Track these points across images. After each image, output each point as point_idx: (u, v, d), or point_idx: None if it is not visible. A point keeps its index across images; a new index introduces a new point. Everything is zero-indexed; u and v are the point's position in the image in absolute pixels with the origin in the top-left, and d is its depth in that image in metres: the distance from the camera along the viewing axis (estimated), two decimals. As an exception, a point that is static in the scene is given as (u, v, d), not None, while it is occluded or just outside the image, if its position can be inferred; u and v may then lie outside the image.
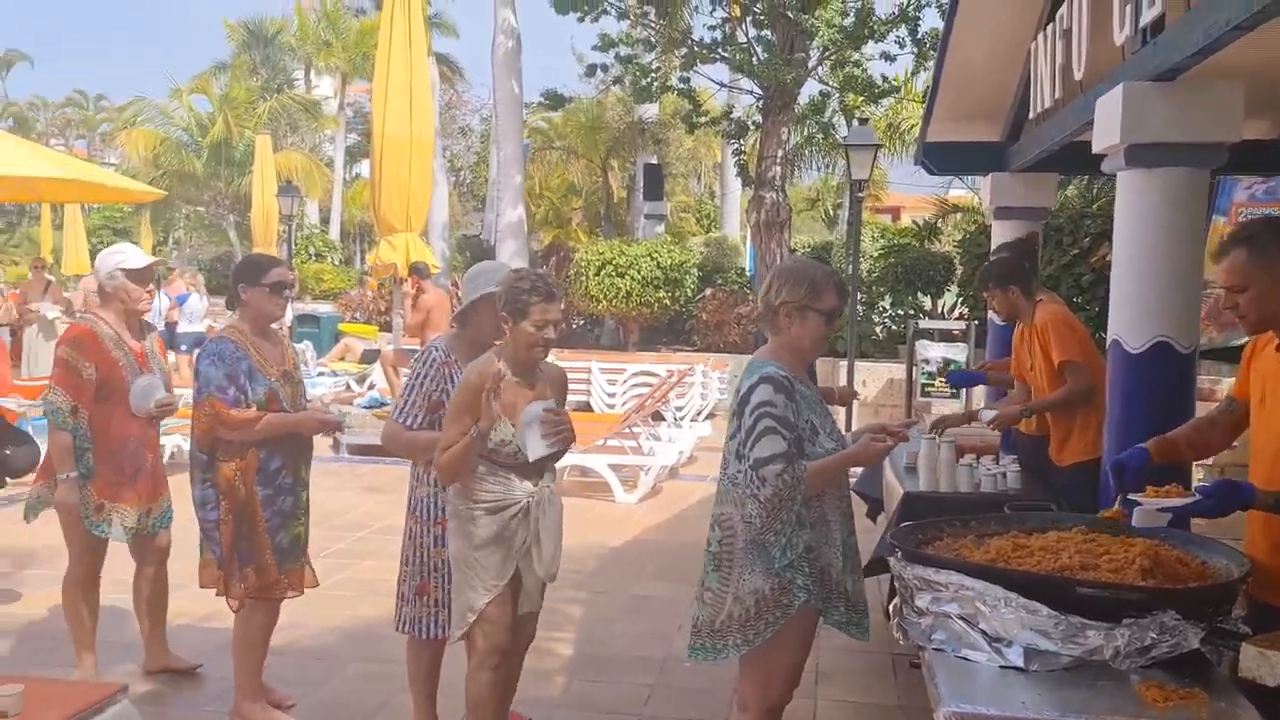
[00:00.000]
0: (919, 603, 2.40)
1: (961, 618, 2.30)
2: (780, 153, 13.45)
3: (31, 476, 4.56)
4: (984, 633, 2.26)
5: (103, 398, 3.97)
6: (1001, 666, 2.20)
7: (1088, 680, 2.12)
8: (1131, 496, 2.51)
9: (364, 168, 32.97)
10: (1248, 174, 8.23)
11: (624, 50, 13.60)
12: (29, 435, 4.84)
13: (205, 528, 3.79)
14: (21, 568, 5.80)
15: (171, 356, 10.87)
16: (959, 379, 4.94)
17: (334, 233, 28.65)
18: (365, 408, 10.80)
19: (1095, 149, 3.71)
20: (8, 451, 4.72)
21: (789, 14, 12.25)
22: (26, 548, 5.92)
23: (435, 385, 3.47)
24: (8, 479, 5.08)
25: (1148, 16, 3.30)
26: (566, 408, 3.38)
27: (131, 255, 4.10)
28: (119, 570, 4.37)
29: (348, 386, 12.65)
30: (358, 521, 7.06)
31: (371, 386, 12.37)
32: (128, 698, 3.24)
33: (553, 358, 3.50)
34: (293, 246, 19.45)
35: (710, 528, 2.93)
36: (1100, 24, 3.73)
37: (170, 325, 14.01)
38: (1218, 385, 7.54)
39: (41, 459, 4.78)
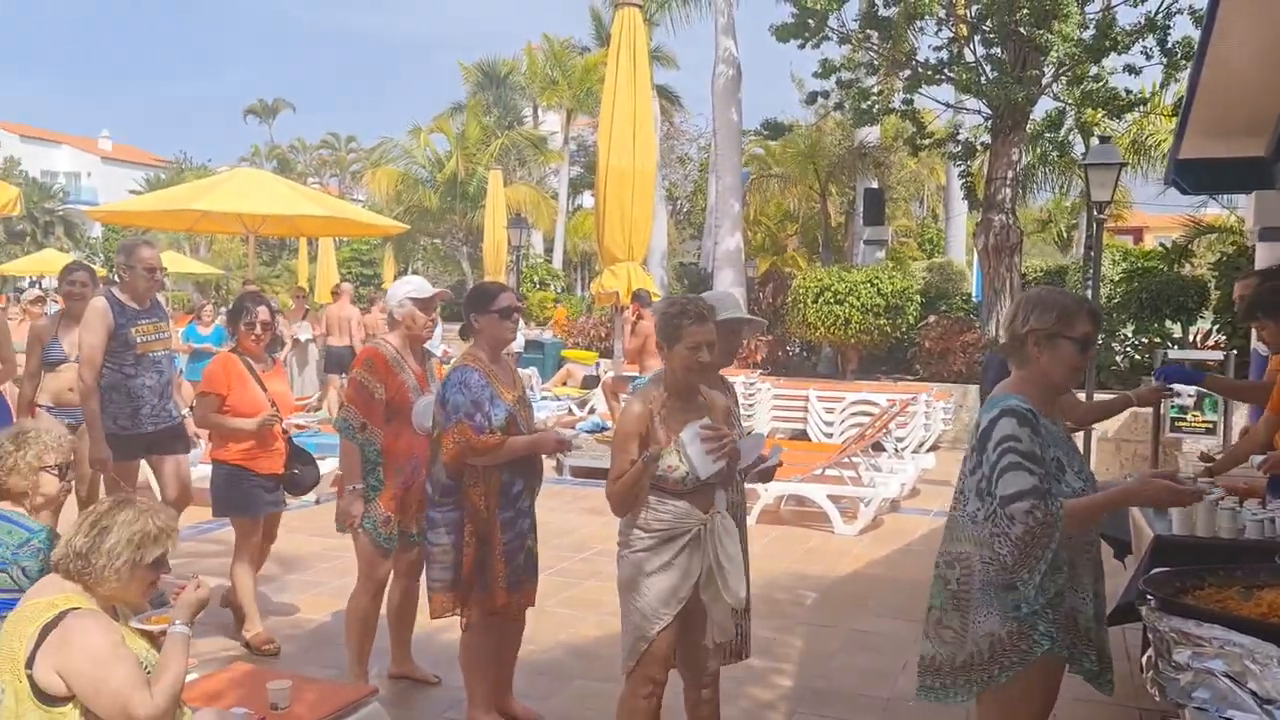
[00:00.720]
0: (1177, 658, 2.23)
1: (1228, 676, 2.12)
2: (1010, 173, 12.92)
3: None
4: (1253, 693, 2.07)
5: (389, 417, 4.23)
6: (1275, 732, 2.01)
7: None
8: None
9: (586, 199, 34.23)
10: None
11: (845, 75, 13.47)
12: (311, 456, 5.27)
13: (436, 551, 3.91)
14: (288, 571, 6.33)
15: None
16: (1174, 374, 4.43)
17: (557, 261, 29.85)
18: (587, 431, 11.13)
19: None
20: (296, 470, 5.12)
21: (1021, 30, 11.77)
22: (294, 553, 6.48)
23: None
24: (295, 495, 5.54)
25: None
26: (780, 436, 3.39)
27: (418, 286, 4.40)
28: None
29: (570, 410, 13.09)
30: (580, 542, 7.29)
31: (592, 411, 12.76)
32: (378, 700, 3.50)
33: (768, 385, 3.54)
34: (520, 275, 20.40)
35: (944, 564, 2.82)
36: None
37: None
38: None
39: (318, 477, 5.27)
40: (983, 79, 12.26)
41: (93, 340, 5.08)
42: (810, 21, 12.90)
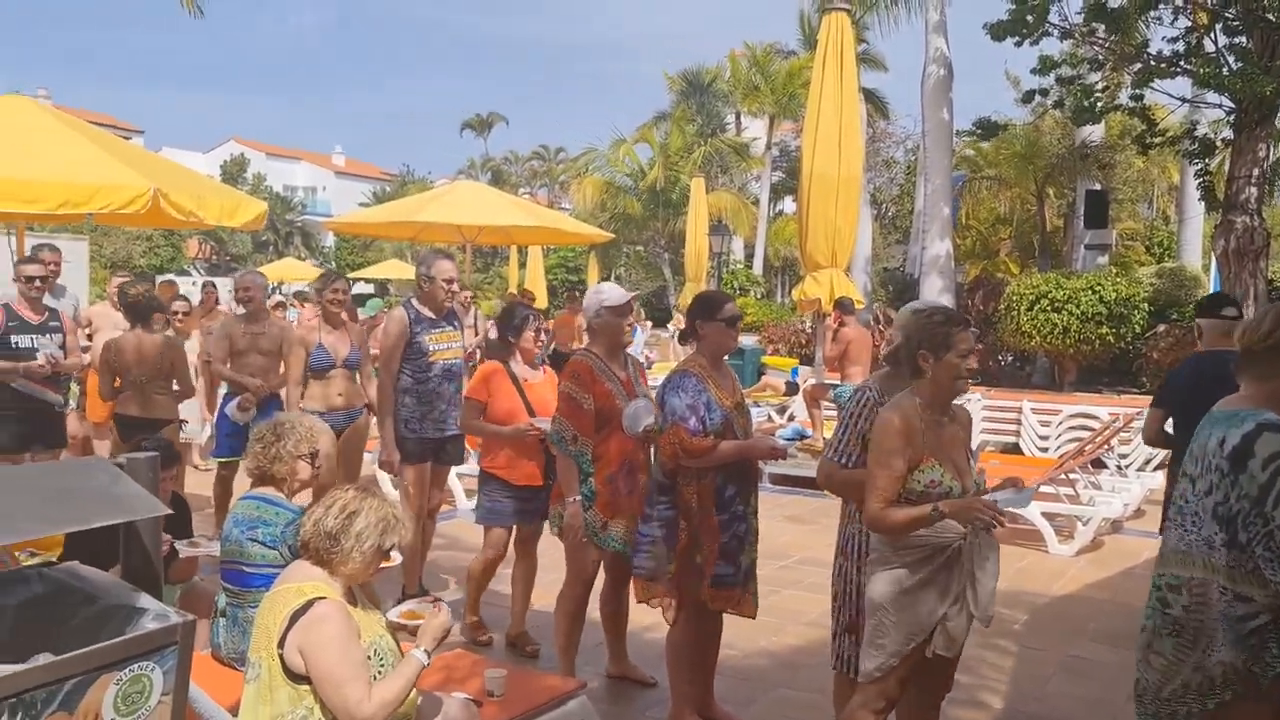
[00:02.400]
0: None
1: None
2: (1256, 172, 11.88)
3: None
4: None
5: (599, 425, 4.37)
6: None
7: None
8: None
9: (787, 204, 34.02)
10: None
11: (1066, 71, 12.80)
12: None
13: (650, 546, 4.05)
14: (503, 565, 6.63)
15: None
16: None
17: (757, 267, 29.81)
18: (787, 439, 11.09)
19: None
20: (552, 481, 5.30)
21: (1270, 16, 10.83)
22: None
23: (869, 425, 3.44)
24: None
25: None
26: (990, 449, 3.31)
27: (611, 293, 4.52)
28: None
29: (769, 418, 13.07)
30: (781, 550, 7.29)
31: (792, 418, 12.68)
32: (586, 694, 3.64)
33: (978, 395, 3.46)
34: (720, 281, 20.53)
35: (1166, 588, 2.66)
36: None
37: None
38: None
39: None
40: (1225, 70, 11.35)
41: (388, 348, 5.39)
42: (1029, 17, 12.32)
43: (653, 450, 4.17)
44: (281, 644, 2.64)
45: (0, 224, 8.73)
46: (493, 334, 7.45)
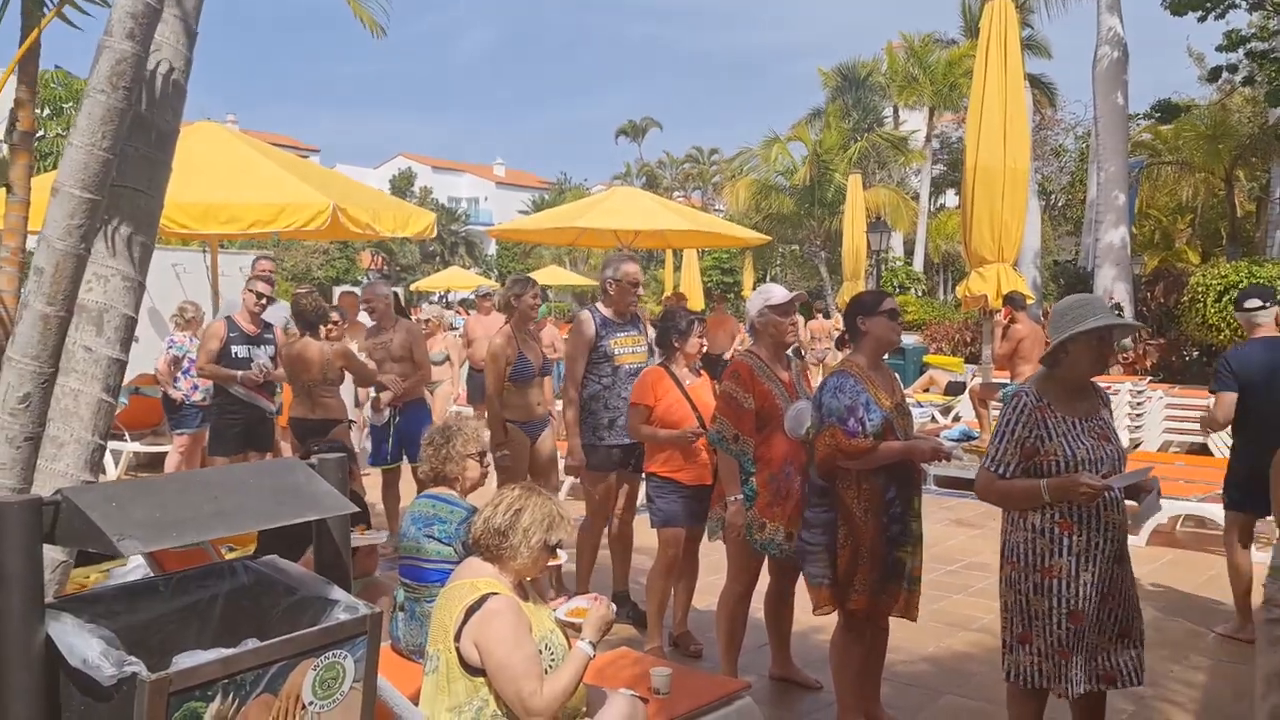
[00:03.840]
0: None
1: None
2: None
3: None
4: None
5: (760, 425, 4.37)
6: None
7: None
8: None
9: (949, 198, 33.00)
10: None
11: (1257, 45, 11.96)
12: None
13: (813, 550, 4.02)
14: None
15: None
16: None
17: (918, 264, 29.04)
18: (953, 440, 10.76)
19: None
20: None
21: None
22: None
23: (1028, 431, 3.33)
24: None
25: None
26: (1175, 449, 3.17)
27: (774, 293, 4.50)
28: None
29: (933, 418, 12.72)
30: (947, 555, 7.09)
31: (958, 419, 12.30)
32: (750, 695, 3.65)
33: (1160, 393, 3.30)
34: (879, 279, 20.11)
35: None
36: None
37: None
38: None
39: None
40: None
41: (574, 353, 5.45)
42: (1212, -11, 11.61)
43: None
44: (458, 637, 2.76)
45: (196, 242, 9.46)
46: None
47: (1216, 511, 7.31)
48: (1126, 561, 3.41)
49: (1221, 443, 10.53)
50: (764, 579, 4.65)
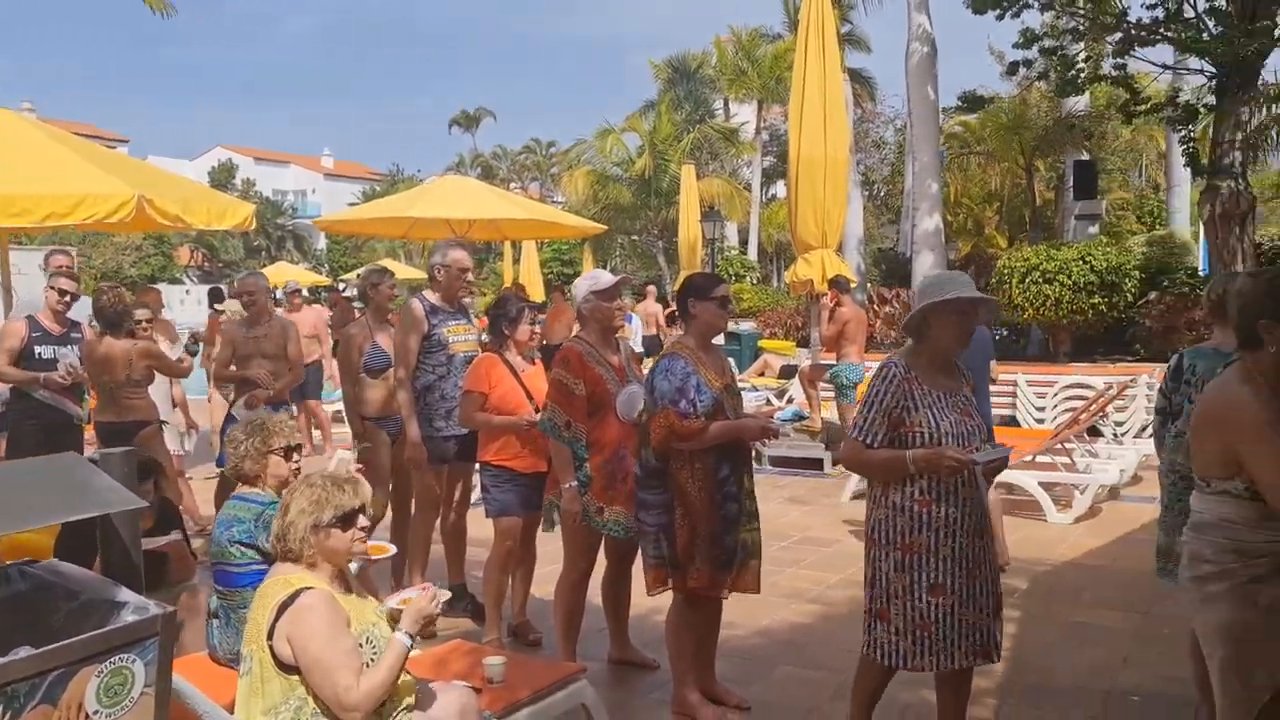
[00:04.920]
0: None
1: None
2: (1239, 136, 11.90)
3: None
4: None
5: (591, 410, 4.37)
6: None
7: None
8: None
9: (779, 188, 33.98)
10: None
11: (1049, 43, 12.79)
12: None
13: (650, 531, 4.07)
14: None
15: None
16: None
17: (752, 252, 29.78)
18: (786, 421, 11.10)
19: None
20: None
21: (1248, -22, 10.83)
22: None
23: (896, 401, 3.36)
24: None
25: None
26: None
27: (600, 279, 4.53)
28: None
29: (768, 401, 13.07)
30: (781, 531, 7.31)
31: (790, 401, 12.69)
32: (586, 679, 3.66)
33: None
34: (714, 267, 20.53)
35: None
36: None
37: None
38: None
39: None
40: (1205, 35, 11.35)
41: (404, 338, 5.25)
42: (1009, -11, 12.33)
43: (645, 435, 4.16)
44: (270, 635, 2.65)
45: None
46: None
47: (1025, 478, 7.83)
48: (988, 535, 3.46)
49: (1029, 415, 11.29)
50: (601, 564, 4.67)
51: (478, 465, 5.15)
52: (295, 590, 2.68)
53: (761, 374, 15.24)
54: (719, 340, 4.30)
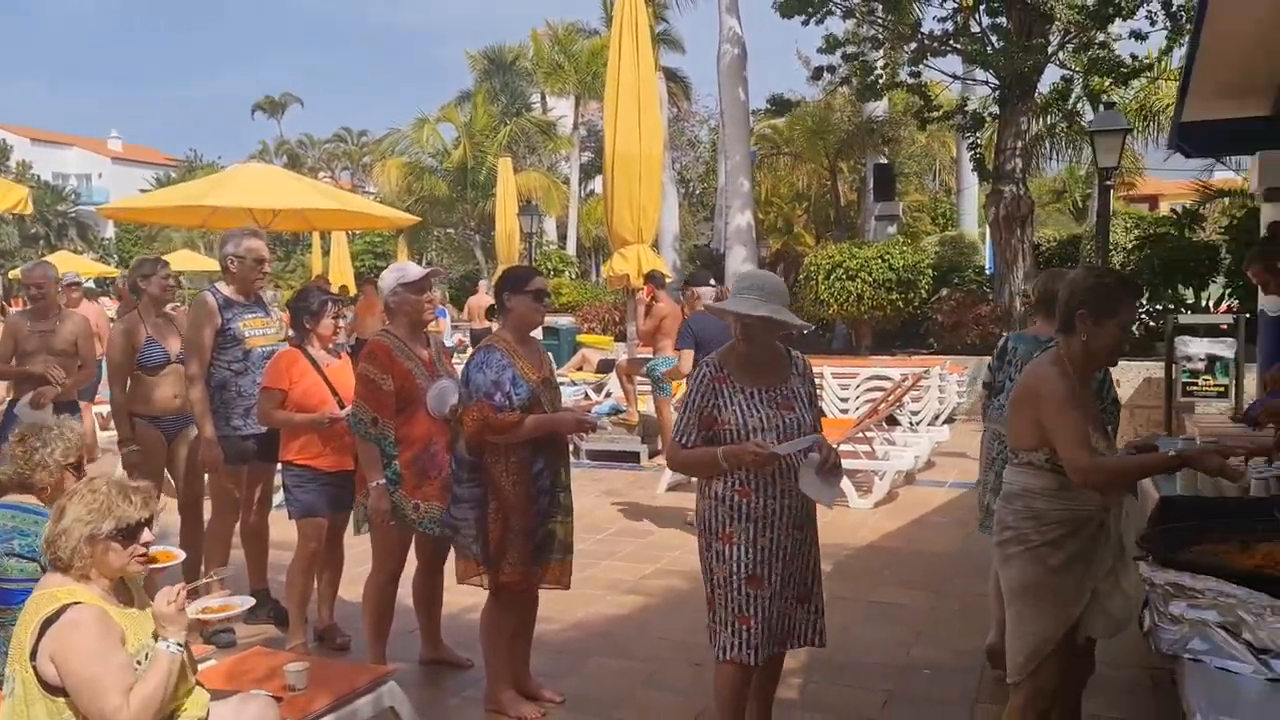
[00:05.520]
0: (1172, 610, 2.27)
1: (1222, 626, 2.16)
2: (1019, 144, 12.86)
3: None
4: (1248, 643, 2.10)
5: (400, 406, 4.24)
6: (1269, 679, 2.04)
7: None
8: None
9: (598, 184, 34.19)
10: None
11: (850, 49, 13.42)
12: None
13: (464, 525, 4.01)
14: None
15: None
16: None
17: (570, 248, 29.86)
18: (604, 414, 11.18)
19: (1380, 117, 3.34)
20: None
21: (1025, -2, 11.70)
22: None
23: (706, 401, 3.38)
24: None
25: None
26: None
27: (409, 270, 4.40)
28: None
29: (586, 395, 13.13)
30: (596, 524, 7.37)
31: (609, 395, 12.80)
32: (395, 680, 3.57)
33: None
34: (533, 262, 20.46)
35: None
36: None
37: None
38: None
39: None
40: (989, 49, 12.19)
41: (194, 334, 4.95)
42: (814, -4, 12.87)
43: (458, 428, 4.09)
44: (34, 655, 2.45)
45: None
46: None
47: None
48: (809, 526, 3.49)
49: (834, 406, 11.81)
50: (412, 563, 4.57)
51: (279, 465, 4.92)
52: (61, 605, 2.48)
53: (580, 368, 15.29)
54: (537, 335, 4.27)
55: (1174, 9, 11.72)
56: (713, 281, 7.58)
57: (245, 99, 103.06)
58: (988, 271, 15.58)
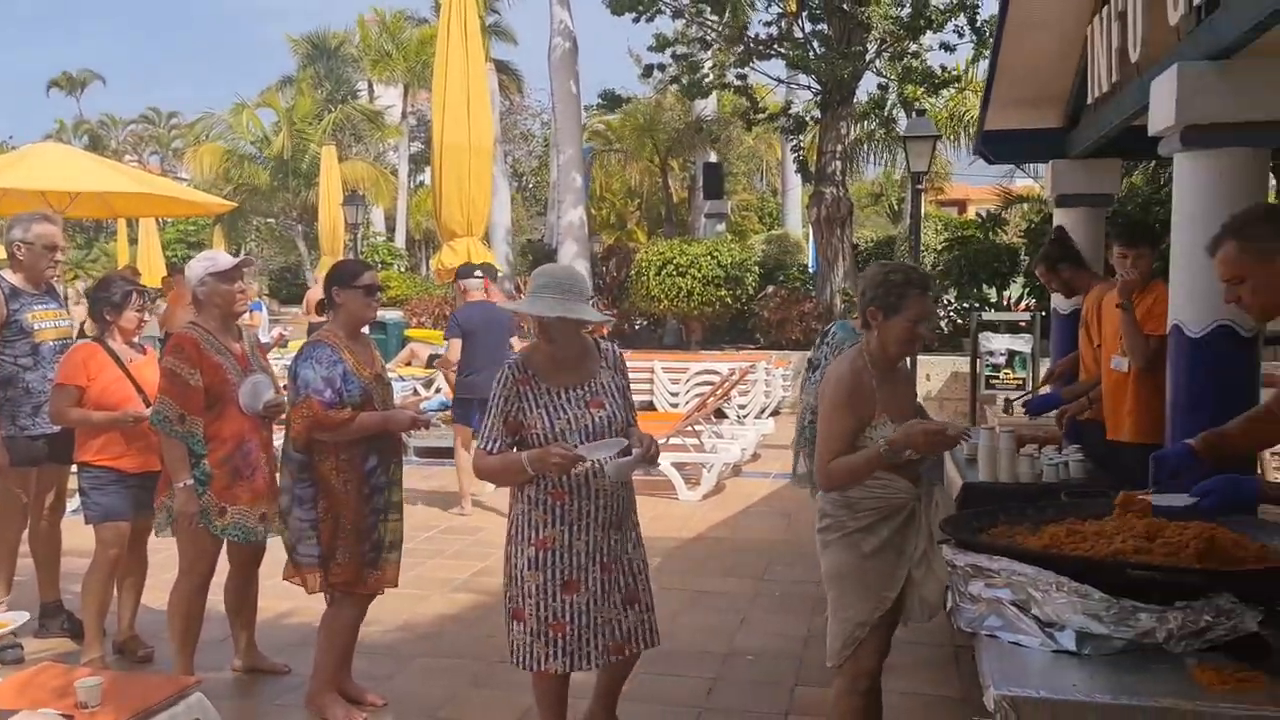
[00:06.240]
0: (971, 589, 2.40)
1: (1014, 603, 2.30)
2: (840, 148, 13.39)
3: None
4: (1036, 618, 2.25)
5: (210, 402, 4.03)
6: (1054, 651, 2.19)
7: (1141, 664, 2.11)
8: (1141, 495, 2.56)
9: (428, 175, 33.48)
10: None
11: (680, 49, 13.65)
12: None
13: (297, 526, 3.87)
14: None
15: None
16: (1040, 406, 5.03)
17: (400, 240, 29.17)
18: (432, 411, 10.96)
19: (1151, 131, 3.65)
20: None
21: (844, 7, 12.19)
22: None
23: (510, 405, 3.27)
24: None
25: (1202, -6, 3.24)
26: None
27: (219, 259, 4.18)
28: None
29: (415, 391, 12.85)
30: (424, 522, 7.22)
31: (439, 391, 12.56)
32: (202, 691, 3.38)
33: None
34: (359, 255, 19.86)
35: None
36: (1155, 4, 3.68)
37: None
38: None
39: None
40: (811, 55, 12.63)
41: None
42: (644, -5, 13.02)
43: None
44: None
45: None
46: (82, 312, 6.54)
47: (659, 460, 8.28)
48: (629, 526, 3.41)
49: (664, 400, 12.01)
50: (224, 567, 4.35)
51: (75, 466, 4.59)
52: None
53: (408, 363, 14.94)
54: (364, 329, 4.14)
55: (979, 24, 12.47)
56: (478, 274, 8.01)
57: (38, 75, 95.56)
58: (811, 270, 16.16)
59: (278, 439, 4.20)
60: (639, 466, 3.27)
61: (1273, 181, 8.53)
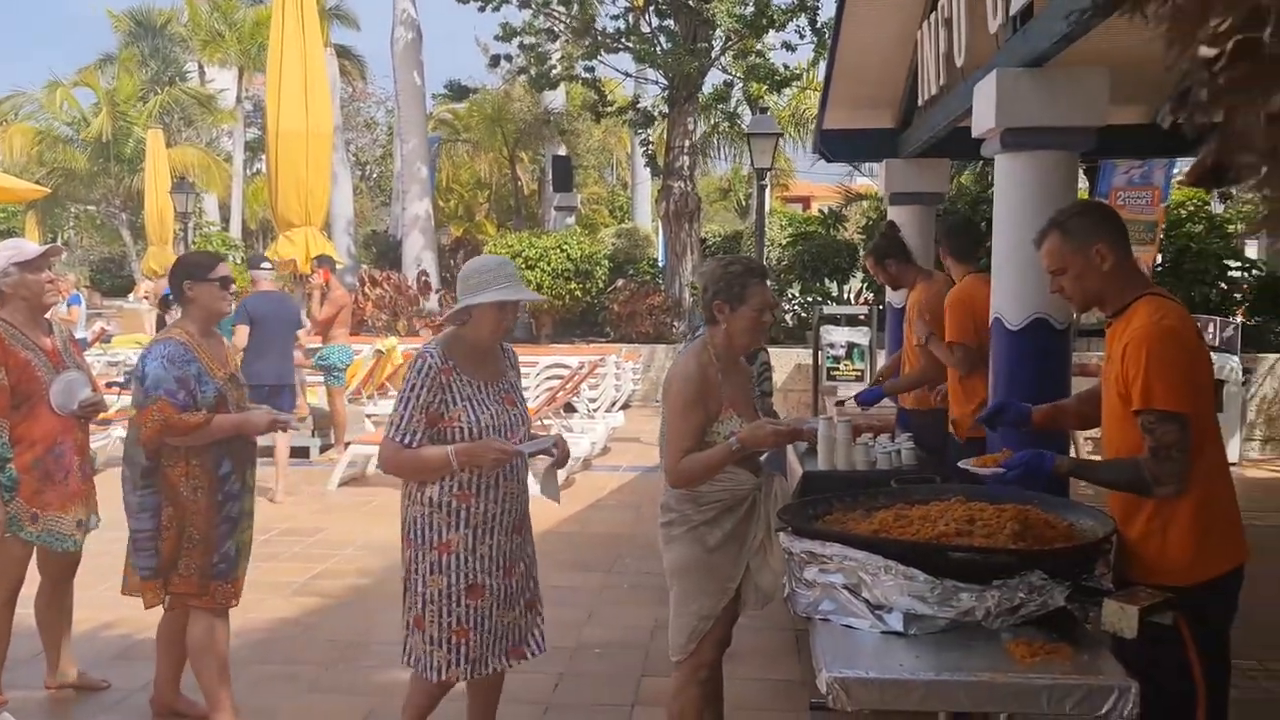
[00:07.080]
0: (806, 575, 2.46)
1: (846, 588, 2.37)
2: (687, 143, 13.58)
3: None
4: (866, 601, 2.33)
5: (17, 402, 3.77)
6: (883, 632, 2.28)
7: (963, 641, 2.22)
8: (961, 464, 2.72)
9: (265, 162, 32.15)
10: (1124, 158, 8.59)
11: (527, 39, 13.55)
12: None
13: (140, 536, 3.63)
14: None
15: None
16: (868, 398, 5.25)
17: (235, 230, 27.90)
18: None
19: (974, 134, 3.84)
20: None
21: (690, 3, 12.36)
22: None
23: (433, 396, 3.07)
24: None
25: (1017, 5, 3.43)
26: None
27: (25, 249, 3.92)
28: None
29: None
30: (263, 524, 6.83)
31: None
32: (9, 712, 3.15)
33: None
34: (190, 245, 18.89)
35: None
36: (977, 12, 3.87)
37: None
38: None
39: None
40: (658, 50, 12.76)
41: None
42: (490, -16, 12.86)
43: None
44: None
45: None
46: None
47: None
48: (526, 530, 3.33)
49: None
50: (33, 579, 4.06)
51: None
52: None
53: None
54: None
55: (819, 25, 12.86)
56: (265, 265, 8.46)
57: None
58: (660, 264, 16.34)
59: (96, 440, 3.96)
60: (558, 469, 3.32)
61: (1082, 183, 9.13)
